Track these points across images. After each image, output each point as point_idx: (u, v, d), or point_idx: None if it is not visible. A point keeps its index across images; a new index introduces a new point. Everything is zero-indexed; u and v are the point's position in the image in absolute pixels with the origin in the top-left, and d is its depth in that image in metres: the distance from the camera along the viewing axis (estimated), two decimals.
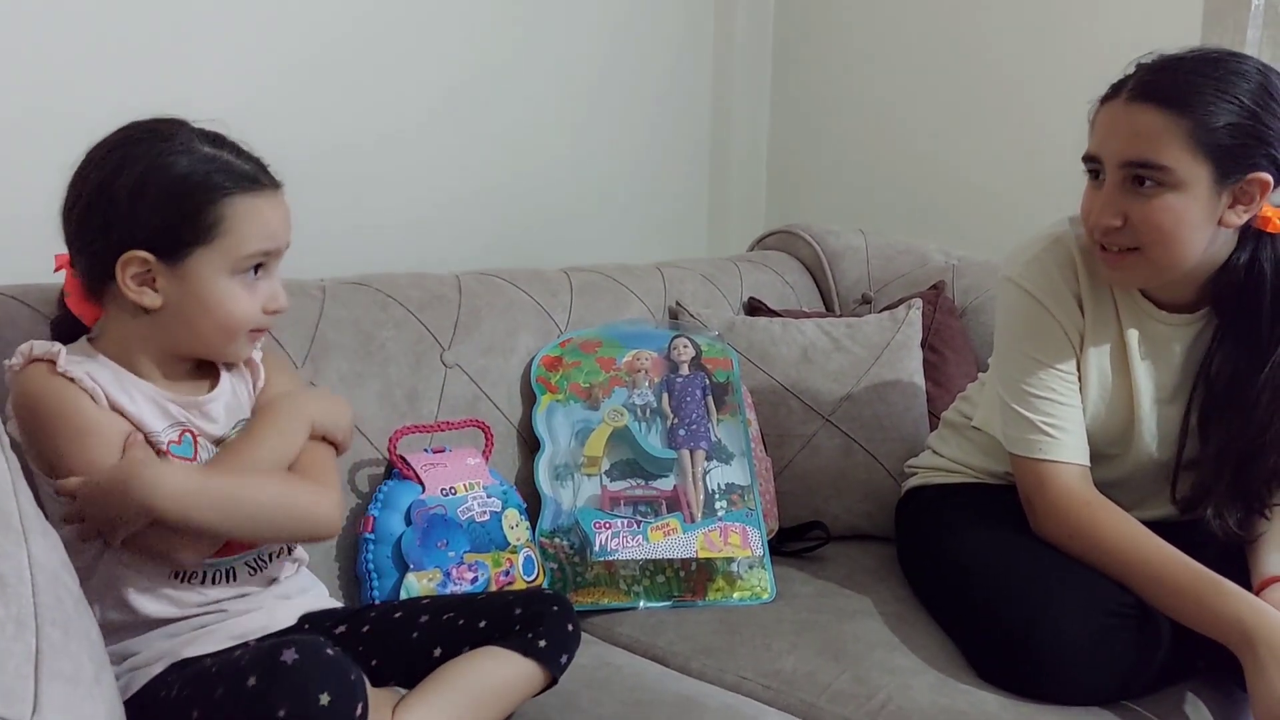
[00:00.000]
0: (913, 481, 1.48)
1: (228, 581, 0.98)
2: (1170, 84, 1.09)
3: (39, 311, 1.05)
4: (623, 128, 2.08)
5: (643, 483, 1.37)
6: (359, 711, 0.80)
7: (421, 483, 1.24)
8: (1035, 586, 1.13)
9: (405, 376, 1.35)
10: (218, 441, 0.99)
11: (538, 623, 1.00)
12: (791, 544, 1.50)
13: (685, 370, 1.49)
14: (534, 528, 1.33)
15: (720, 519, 1.34)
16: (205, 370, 1.02)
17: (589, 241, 2.02)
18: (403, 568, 1.19)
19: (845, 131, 2.32)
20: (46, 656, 0.64)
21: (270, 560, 1.02)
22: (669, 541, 1.29)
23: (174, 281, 0.92)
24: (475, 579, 1.21)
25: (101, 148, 0.93)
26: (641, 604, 1.32)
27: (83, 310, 0.96)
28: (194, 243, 0.92)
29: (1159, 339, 1.23)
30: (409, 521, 1.21)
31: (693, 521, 1.33)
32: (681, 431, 1.42)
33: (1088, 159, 1.16)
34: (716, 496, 1.37)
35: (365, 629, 1.03)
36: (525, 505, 1.34)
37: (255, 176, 0.94)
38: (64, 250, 0.96)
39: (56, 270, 0.98)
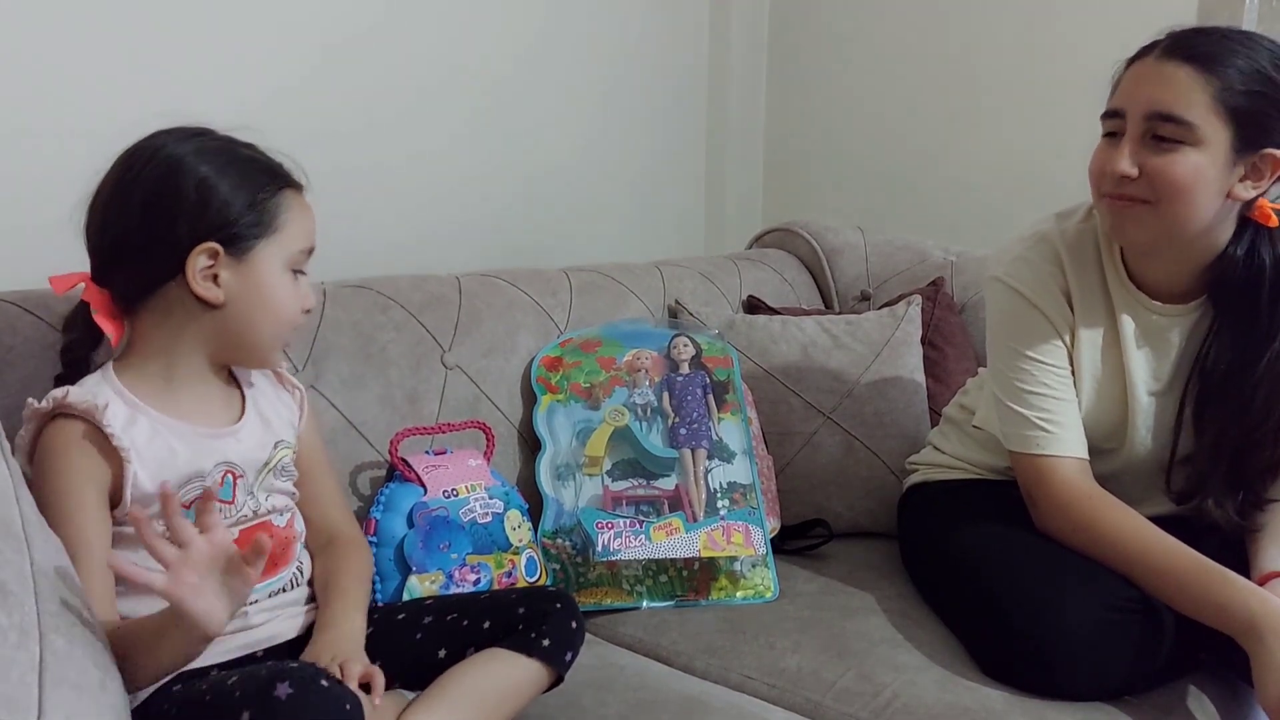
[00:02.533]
0: (914, 478, 1.48)
1: (251, 603, 0.96)
2: (1204, 44, 1.10)
3: (39, 317, 1.05)
4: (620, 127, 2.08)
5: (644, 482, 1.37)
6: None
7: (423, 485, 1.24)
8: (1039, 581, 1.13)
9: (406, 378, 1.35)
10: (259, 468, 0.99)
11: (541, 621, 1.00)
12: (794, 542, 1.50)
13: (685, 369, 1.48)
14: (536, 529, 1.33)
15: (723, 518, 1.33)
16: (232, 397, 1.02)
17: (587, 241, 2.02)
18: (405, 570, 1.19)
19: (842, 128, 2.32)
20: (50, 664, 0.64)
21: (293, 586, 1.02)
22: (671, 541, 1.29)
23: (237, 275, 0.93)
24: (478, 580, 1.21)
25: (141, 154, 0.93)
26: (644, 604, 1.32)
27: (111, 327, 0.94)
28: (259, 235, 0.94)
29: (1153, 331, 1.23)
30: (411, 524, 1.21)
31: (695, 521, 1.32)
32: (683, 430, 1.41)
33: (1109, 114, 1.16)
34: (718, 495, 1.36)
35: (369, 630, 1.02)
36: (527, 506, 1.33)
37: (293, 174, 0.99)
38: (53, 264, 0.94)
39: (63, 291, 0.95)
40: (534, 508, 1.36)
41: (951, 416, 1.48)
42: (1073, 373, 1.24)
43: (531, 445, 1.45)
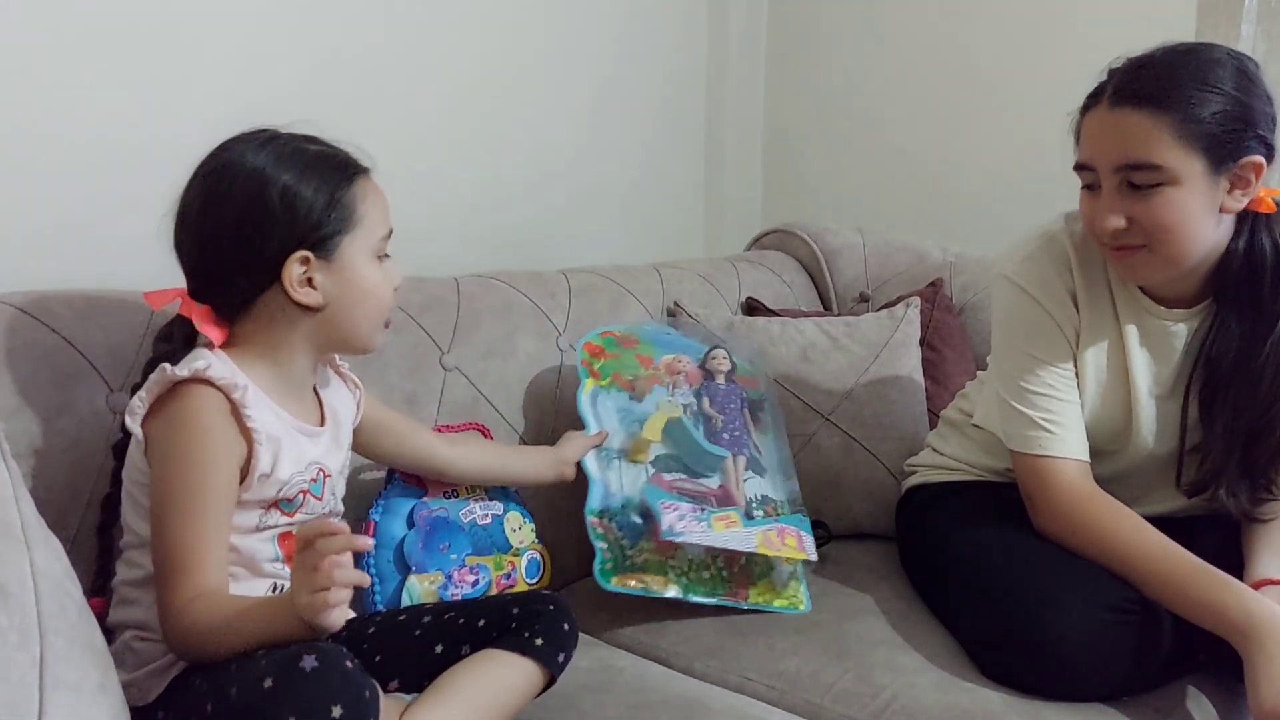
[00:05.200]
0: (913, 480, 1.49)
1: None
2: (1149, 82, 1.09)
3: (38, 319, 1.05)
4: (618, 129, 2.08)
5: (688, 478, 1.33)
6: None
7: (423, 486, 1.24)
8: (1037, 583, 1.13)
9: (404, 380, 1.35)
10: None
11: (534, 621, 1.01)
12: None
13: (722, 381, 1.46)
14: (583, 508, 1.30)
15: (778, 520, 1.32)
16: (314, 400, 1.05)
17: (585, 243, 2.02)
18: (404, 570, 1.19)
19: (841, 129, 2.32)
20: (50, 665, 0.64)
21: None
22: (731, 533, 1.25)
23: (331, 275, 0.96)
24: (476, 581, 1.21)
25: (223, 169, 0.94)
26: (690, 596, 1.27)
27: (213, 332, 0.96)
28: (341, 231, 0.96)
29: (1158, 335, 1.23)
30: (411, 524, 1.21)
31: (751, 519, 1.30)
32: (725, 435, 1.39)
33: (1080, 168, 1.16)
34: (754, 505, 1.34)
35: (371, 630, 1.05)
36: (527, 508, 1.33)
37: (360, 160, 1.00)
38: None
39: (160, 307, 0.97)
40: (545, 502, 1.36)
41: (950, 419, 1.48)
42: (1077, 374, 1.24)
43: (535, 443, 1.44)
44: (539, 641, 1.00)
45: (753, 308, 1.86)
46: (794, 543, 1.30)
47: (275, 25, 1.47)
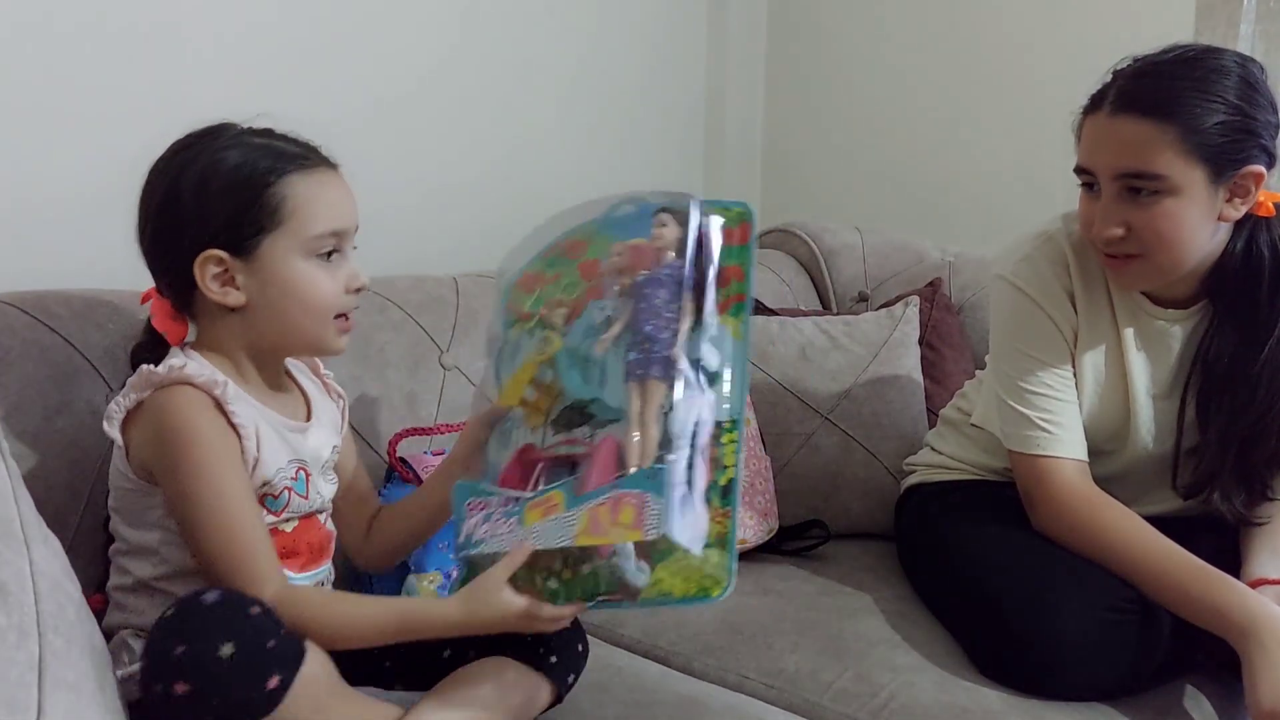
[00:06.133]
0: (912, 479, 1.49)
1: None
2: (1152, 91, 1.08)
3: (36, 318, 1.05)
4: (617, 127, 2.08)
5: (589, 435, 0.93)
6: (270, 681, 0.76)
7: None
8: (1036, 582, 1.13)
9: (404, 379, 1.35)
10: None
11: (550, 638, 0.99)
12: (791, 543, 1.50)
13: (669, 259, 0.94)
14: None
15: (618, 486, 0.87)
16: (298, 396, 1.03)
17: None
18: (404, 569, 1.19)
19: (840, 128, 2.32)
20: (49, 665, 0.64)
21: (326, 584, 1.03)
22: (546, 524, 0.90)
23: (251, 275, 0.92)
24: None
25: (159, 162, 0.94)
26: (560, 603, 0.90)
27: (168, 328, 0.96)
28: (262, 230, 0.91)
29: (1155, 334, 1.23)
30: None
31: (590, 491, 0.89)
32: (632, 356, 0.92)
33: (1080, 171, 1.16)
34: (680, 440, 0.87)
35: None
36: None
37: (308, 155, 0.95)
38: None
39: (144, 303, 0.97)
40: None
41: (949, 418, 1.48)
42: (1075, 374, 1.24)
43: None
44: (553, 659, 0.99)
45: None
46: (630, 516, 0.86)
47: (277, 23, 1.47)
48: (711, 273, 0.93)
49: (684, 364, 0.90)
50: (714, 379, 0.92)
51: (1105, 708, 1.08)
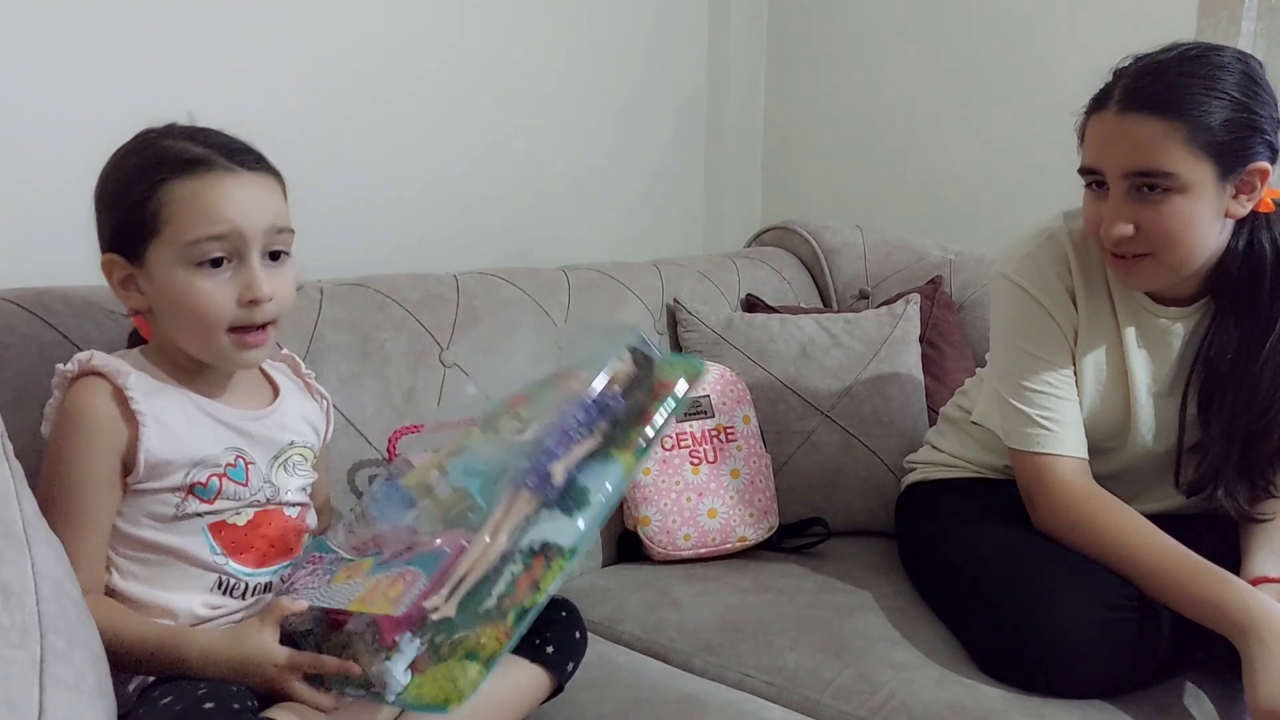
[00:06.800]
0: (912, 477, 1.49)
1: (265, 591, 0.96)
2: (1159, 89, 1.08)
3: (35, 315, 1.05)
4: (618, 125, 2.08)
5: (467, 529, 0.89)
6: None
7: None
8: (1036, 580, 1.13)
9: (404, 377, 1.35)
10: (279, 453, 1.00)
11: (546, 628, 0.99)
12: (792, 540, 1.51)
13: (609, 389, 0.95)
14: None
15: (411, 562, 0.88)
16: (264, 387, 1.03)
17: (585, 240, 2.02)
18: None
19: (841, 127, 2.32)
20: (50, 665, 0.64)
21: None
22: (340, 586, 0.90)
23: (146, 280, 0.91)
24: None
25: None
26: (346, 692, 0.87)
27: (140, 324, 0.97)
28: (145, 236, 0.89)
29: (1156, 333, 1.23)
30: None
31: (389, 562, 0.90)
32: (522, 464, 0.91)
33: (1086, 171, 1.15)
34: (513, 558, 0.86)
35: None
36: None
37: (201, 159, 0.89)
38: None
39: None
40: None
41: (949, 416, 1.48)
42: (1075, 372, 1.24)
43: None
44: (550, 650, 0.99)
45: (752, 304, 1.86)
46: (399, 590, 0.85)
47: (286, 24, 1.47)
48: (632, 409, 0.93)
49: (559, 480, 0.89)
50: (583, 505, 0.90)
51: (1105, 705, 1.08)
